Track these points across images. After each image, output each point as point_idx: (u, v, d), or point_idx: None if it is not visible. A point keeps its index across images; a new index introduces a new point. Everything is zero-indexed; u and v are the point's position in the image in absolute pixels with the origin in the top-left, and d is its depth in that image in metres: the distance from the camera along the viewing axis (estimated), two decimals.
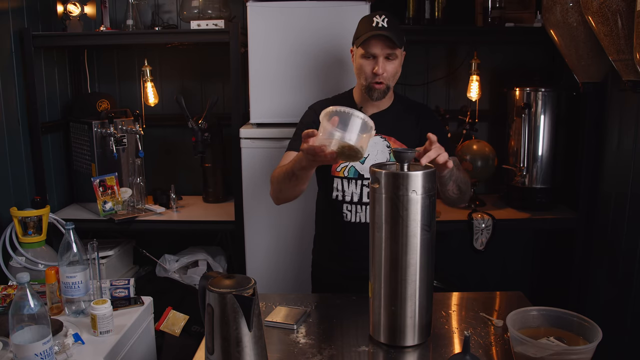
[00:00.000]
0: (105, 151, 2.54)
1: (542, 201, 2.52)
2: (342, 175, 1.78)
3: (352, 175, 1.77)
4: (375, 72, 1.69)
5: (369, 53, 1.70)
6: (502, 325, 1.43)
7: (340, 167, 1.77)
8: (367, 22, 1.71)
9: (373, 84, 1.72)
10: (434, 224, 1.32)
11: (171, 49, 2.89)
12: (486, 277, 3.03)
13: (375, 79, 1.71)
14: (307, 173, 1.55)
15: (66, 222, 1.60)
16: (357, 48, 1.74)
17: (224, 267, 2.76)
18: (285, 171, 1.60)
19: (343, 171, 1.77)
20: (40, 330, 1.24)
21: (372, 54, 1.70)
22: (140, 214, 2.56)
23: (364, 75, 1.73)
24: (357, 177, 1.77)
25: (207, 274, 1.18)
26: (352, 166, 1.76)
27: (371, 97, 1.74)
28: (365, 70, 1.72)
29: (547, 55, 2.78)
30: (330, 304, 1.60)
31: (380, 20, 1.68)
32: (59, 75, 2.78)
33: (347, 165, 1.76)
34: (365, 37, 1.68)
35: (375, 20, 1.69)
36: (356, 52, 1.76)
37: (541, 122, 2.46)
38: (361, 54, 1.72)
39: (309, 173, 1.56)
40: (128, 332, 1.60)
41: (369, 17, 1.73)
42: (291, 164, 1.57)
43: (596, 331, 1.20)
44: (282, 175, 1.62)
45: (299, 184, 1.61)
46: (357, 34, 1.76)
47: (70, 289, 1.60)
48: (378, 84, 1.71)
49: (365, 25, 1.72)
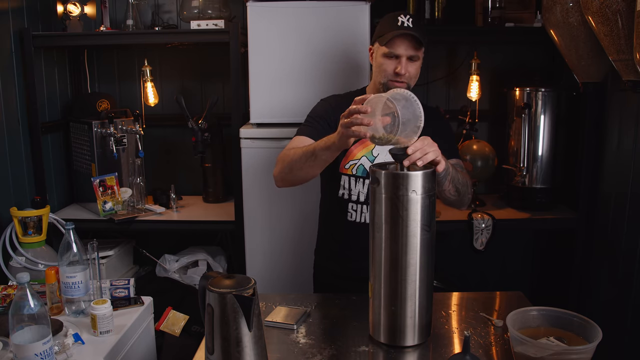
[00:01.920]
0: (105, 151, 2.54)
1: (542, 201, 2.52)
2: (350, 173, 1.76)
3: (361, 174, 1.75)
4: (398, 72, 1.68)
5: (392, 52, 1.68)
6: (502, 325, 1.43)
7: (348, 164, 1.75)
8: (391, 21, 1.69)
9: (393, 82, 1.70)
10: (434, 224, 1.32)
11: (171, 49, 2.89)
12: (486, 277, 3.03)
13: (397, 79, 1.70)
14: (328, 155, 1.52)
15: (66, 222, 1.60)
16: (379, 46, 1.72)
17: (224, 267, 2.76)
18: (304, 151, 1.58)
19: (351, 169, 1.75)
20: (40, 330, 1.24)
21: (396, 54, 1.68)
22: (140, 214, 2.56)
23: (384, 73, 1.71)
24: (365, 176, 1.75)
25: (207, 274, 1.18)
26: (362, 165, 1.75)
27: None
28: (387, 69, 1.70)
29: (547, 55, 2.78)
30: (330, 304, 1.60)
31: (405, 19, 1.67)
32: (59, 75, 2.78)
33: (356, 163, 1.75)
34: (391, 35, 1.67)
35: (400, 20, 1.67)
36: (378, 50, 1.73)
37: (541, 122, 2.46)
38: (384, 52, 1.70)
39: (329, 156, 1.53)
40: (128, 332, 1.60)
41: (393, 15, 1.70)
42: (314, 144, 1.56)
43: (596, 331, 1.20)
44: (298, 154, 1.59)
45: (314, 167, 1.58)
46: (380, 32, 1.73)
47: (70, 289, 1.60)
48: (399, 83, 1.70)
49: (389, 23, 1.69)
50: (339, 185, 1.78)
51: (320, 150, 1.53)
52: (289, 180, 1.68)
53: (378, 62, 1.73)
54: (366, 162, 1.75)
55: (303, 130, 1.76)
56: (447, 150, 1.73)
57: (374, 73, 1.78)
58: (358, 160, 1.75)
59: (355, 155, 1.75)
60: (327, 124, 1.75)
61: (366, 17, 2.24)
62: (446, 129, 1.87)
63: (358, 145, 1.75)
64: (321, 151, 1.52)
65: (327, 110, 1.78)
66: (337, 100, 1.81)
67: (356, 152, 1.75)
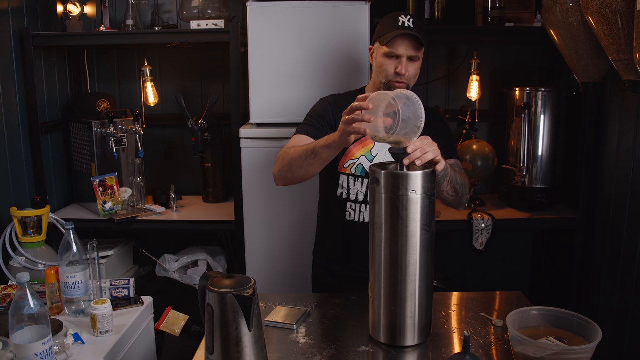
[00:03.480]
0: (105, 151, 2.54)
1: (542, 201, 2.52)
2: (349, 172, 1.76)
3: (360, 173, 1.75)
4: (399, 72, 1.69)
5: (393, 52, 1.68)
6: (502, 325, 1.43)
7: (347, 163, 1.75)
8: (392, 21, 1.69)
9: (393, 82, 1.71)
10: (434, 224, 1.32)
11: (171, 49, 2.89)
12: (486, 277, 3.03)
13: (397, 79, 1.70)
14: (328, 153, 1.53)
15: (66, 222, 1.60)
16: (380, 46, 1.73)
17: (224, 267, 2.76)
18: (305, 149, 1.58)
19: (350, 168, 1.76)
20: (40, 330, 1.24)
21: (397, 54, 1.69)
22: (140, 214, 2.56)
23: (384, 73, 1.71)
24: (364, 176, 1.75)
25: (207, 274, 1.18)
26: (360, 164, 1.75)
27: None
28: (388, 69, 1.70)
29: (547, 55, 2.78)
30: (330, 304, 1.60)
31: (406, 20, 1.68)
32: (59, 75, 2.78)
33: (355, 162, 1.75)
34: (392, 35, 1.67)
35: (401, 20, 1.68)
36: (378, 50, 1.73)
37: (541, 122, 2.46)
38: (384, 52, 1.70)
39: (330, 154, 1.54)
40: (128, 332, 1.60)
41: (393, 16, 1.70)
42: (315, 143, 1.56)
43: (596, 331, 1.20)
44: (298, 152, 1.60)
45: (314, 165, 1.58)
46: (380, 32, 1.73)
47: (70, 289, 1.60)
48: (399, 83, 1.70)
49: (390, 24, 1.69)
50: (337, 185, 1.78)
51: (320, 148, 1.53)
52: (288, 179, 1.68)
53: (379, 62, 1.73)
54: (365, 161, 1.75)
55: (303, 129, 1.76)
56: (446, 150, 1.73)
57: (374, 73, 1.78)
58: (357, 160, 1.75)
59: (354, 154, 1.75)
60: (327, 122, 1.75)
61: (366, 17, 2.24)
62: (445, 129, 1.87)
63: (357, 145, 1.75)
64: (322, 149, 1.53)
65: (327, 110, 1.78)
66: (337, 100, 1.81)
67: (355, 152, 1.75)
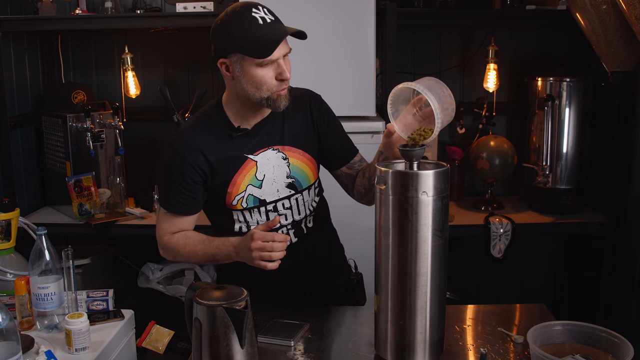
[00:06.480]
0: (81, 148, 2.54)
1: (567, 203, 2.52)
2: (241, 207, 1.65)
3: (252, 204, 1.65)
4: (283, 78, 1.51)
5: (268, 60, 1.48)
6: (522, 341, 1.43)
7: (235, 200, 1.63)
8: (248, 21, 1.47)
9: (279, 92, 1.53)
10: (447, 229, 1.32)
11: (154, 35, 2.89)
12: (505, 288, 3.03)
13: (282, 86, 1.53)
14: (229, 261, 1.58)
15: (38, 227, 1.60)
16: (244, 57, 1.49)
17: (212, 277, 2.76)
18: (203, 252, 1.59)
19: (240, 203, 1.64)
20: (9, 347, 1.24)
21: (272, 60, 1.49)
22: (120, 218, 2.57)
23: (265, 86, 1.51)
24: (258, 205, 1.65)
25: (195, 285, 1.19)
26: (250, 195, 1.64)
27: (277, 107, 1.56)
28: (268, 82, 1.51)
29: (573, 41, 2.78)
30: (330, 318, 1.60)
31: (263, 13, 1.48)
32: (30, 64, 2.78)
33: (243, 195, 1.64)
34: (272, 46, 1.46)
35: (259, 17, 1.47)
36: (241, 62, 1.50)
37: (566, 116, 2.47)
38: (256, 63, 1.49)
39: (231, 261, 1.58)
40: (106, 349, 1.60)
41: (242, 13, 1.48)
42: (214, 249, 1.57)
43: (627, 348, 1.20)
44: (194, 253, 1.61)
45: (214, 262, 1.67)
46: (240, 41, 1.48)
47: (42, 301, 1.60)
48: (283, 90, 1.54)
49: (252, 28, 1.47)
50: (233, 220, 1.68)
51: (221, 257, 1.58)
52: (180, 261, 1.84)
53: (250, 75, 1.51)
54: (253, 189, 1.64)
55: (171, 206, 1.63)
56: (347, 146, 1.74)
57: (244, 89, 1.54)
58: (244, 192, 1.64)
59: (239, 187, 1.63)
60: (192, 180, 1.61)
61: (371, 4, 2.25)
62: (336, 118, 1.75)
63: (240, 174, 1.63)
64: (223, 258, 1.58)
65: (184, 168, 1.61)
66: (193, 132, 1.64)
67: (240, 183, 1.63)
